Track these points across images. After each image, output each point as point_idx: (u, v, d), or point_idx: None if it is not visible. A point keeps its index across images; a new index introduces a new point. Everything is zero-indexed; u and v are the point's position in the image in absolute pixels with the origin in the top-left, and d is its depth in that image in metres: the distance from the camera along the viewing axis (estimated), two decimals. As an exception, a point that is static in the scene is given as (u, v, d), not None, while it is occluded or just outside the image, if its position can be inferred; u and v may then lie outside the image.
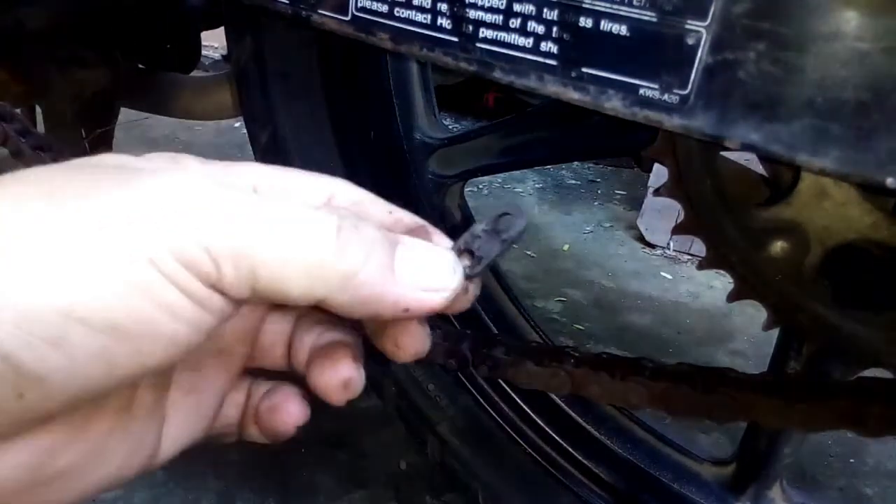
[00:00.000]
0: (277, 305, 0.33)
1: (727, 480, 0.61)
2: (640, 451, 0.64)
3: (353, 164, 0.66)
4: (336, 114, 0.66)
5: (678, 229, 0.50)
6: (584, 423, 0.65)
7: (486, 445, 0.67)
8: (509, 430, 0.67)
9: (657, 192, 0.49)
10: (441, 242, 0.29)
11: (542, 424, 0.67)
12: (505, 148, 0.61)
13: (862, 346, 0.44)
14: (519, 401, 0.68)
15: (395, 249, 0.26)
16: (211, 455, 0.98)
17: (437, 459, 0.69)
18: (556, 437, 0.66)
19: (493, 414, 0.68)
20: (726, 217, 0.46)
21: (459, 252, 0.28)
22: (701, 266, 0.49)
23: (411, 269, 0.26)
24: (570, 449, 0.65)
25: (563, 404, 0.66)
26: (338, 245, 0.24)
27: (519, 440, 0.67)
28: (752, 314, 1.48)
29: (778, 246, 0.43)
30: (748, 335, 1.41)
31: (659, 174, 1.71)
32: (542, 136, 0.58)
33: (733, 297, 0.48)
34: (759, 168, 0.46)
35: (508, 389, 0.68)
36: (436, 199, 0.67)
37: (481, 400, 0.69)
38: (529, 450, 0.66)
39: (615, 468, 0.64)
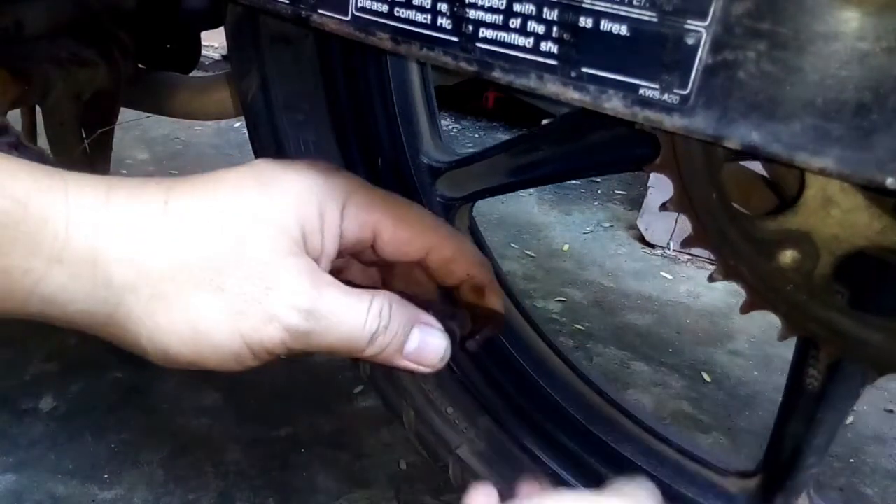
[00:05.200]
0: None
1: (753, 492, 0.60)
2: (665, 466, 0.63)
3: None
4: (344, 142, 0.67)
5: (687, 242, 0.49)
6: (607, 441, 0.65)
7: (507, 466, 0.67)
8: (531, 450, 0.67)
9: (663, 207, 0.49)
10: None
11: (564, 443, 0.66)
12: (511, 168, 0.61)
13: (880, 353, 0.43)
14: (540, 419, 0.67)
15: (411, 328, 0.37)
16: (211, 455, 0.98)
17: (458, 482, 0.68)
18: (581, 456, 0.65)
19: (514, 434, 0.68)
20: (733, 228, 0.45)
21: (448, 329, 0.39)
22: (712, 279, 0.49)
23: (414, 349, 0.37)
24: (596, 467, 0.65)
25: (585, 422, 0.66)
26: (366, 333, 0.35)
27: (541, 459, 0.66)
28: (753, 314, 1.48)
29: (787, 255, 0.43)
30: (748, 335, 1.41)
31: (660, 175, 1.71)
32: (548, 154, 0.58)
33: (746, 308, 0.48)
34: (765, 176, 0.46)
35: (530, 409, 0.68)
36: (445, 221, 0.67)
37: (502, 420, 0.68)
38: (552, 468, 0.66)
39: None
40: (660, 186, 1.71)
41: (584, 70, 0.29)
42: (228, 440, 1.01)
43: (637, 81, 0.28)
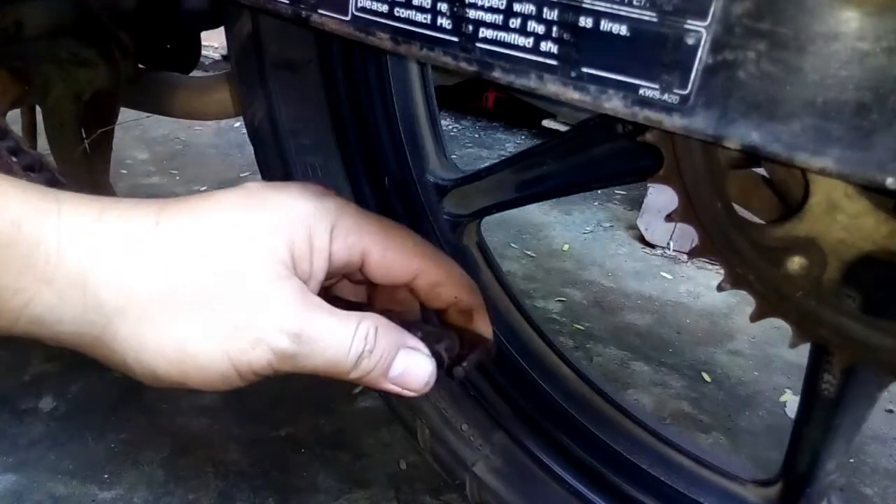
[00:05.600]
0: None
1: (773, 501, 0.59)
2: (683, 476, 0.63)
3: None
4: (350, 165, 0.68)
5: (694, 253, 0.49)
6: (623, 453, 0.64)
7: (523, 481, 0.67)
8: (547, 464, 0.67)
9: (669, 218, 0.49)
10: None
11: (580, 456, 0.66)
12: (517, 183, 0.61)
13: (894, 357, 0.43)
14: (556, 432, 0.67)
15: (397, 352, 0.37)
16: (211, 455, 0.98)
17: (476, 499, 0.68)
18: (597, 468, 0.65)
19: (530, 449, 0.68)
20: (740, 237, 0.45)
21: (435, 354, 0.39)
22: (721, 288, 0.48)
23: (399, 374, 0.37)
24: (612, 479, 0.64)
25: (600, 434, 0.65)
26: (351, 357, 0.35)
27: (558, 473, 0.66)
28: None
29: (795, 262, 0.42)
30: (748, 335, 1.41)
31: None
32: (553, 168, 0.58)
33: (756, 316, 0.48)
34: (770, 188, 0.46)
35: (544, 422, 0.67)
36: (453, 238, 0.67)
37: (517, 435, 0.68)
38: (569, 482, 0.66)
39: (659, 497, 0.63)
40: (659, 186, 1.71)
41: (584, 70, 0.29)
42: (228, 440, 1.01)
43: (637, 81, 0.28)
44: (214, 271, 0.33)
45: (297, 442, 1.02)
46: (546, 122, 2.51)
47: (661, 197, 1.74)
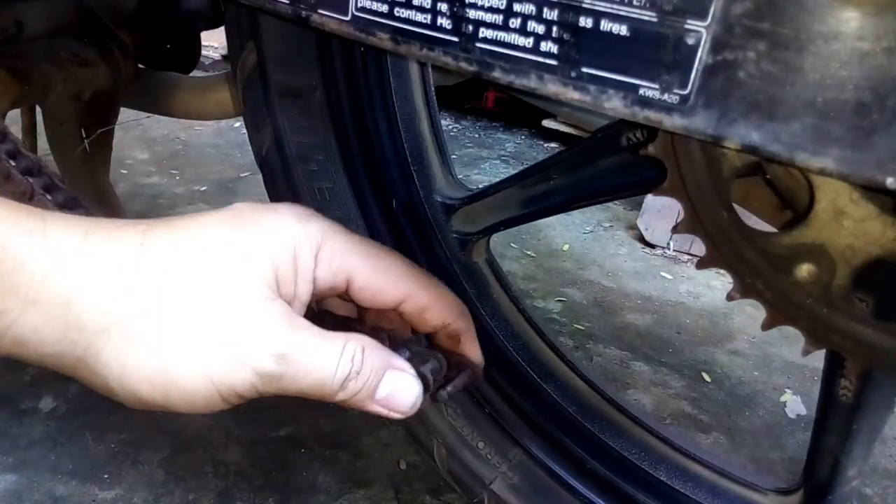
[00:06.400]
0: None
1: None
2: (702, 487, 0.63)
3: (379, 236, 0.68)
4: (357, 187, 0.68)
5: (702, 263, 0.49)
6: (641, 465, 0.64)
7: (542, 497, 0.67)
8: (564, 478, 0.67)
9: (675, 230, 0.49)
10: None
11: (597, 470, 0.66)
12: (524, 200, 0.61)
13: None
14: (574, 447, 0.67)
15: (384, 374, 0.37)
16: (211, 455, 0.98)
17: None
18: (615, 482, 0.65)
19: (548, 464, 0.67)
20: (747, 246, 0.45)
21: (421, 376, 0.39)
22: (730, 297, 0.48)
23: (386, 395, 0.37)
24: (632, 493, 0.64)
25: (618, 448, 0.65)
26: (337, 379, 0.35)
27: (576, 488, 0.66)
28: (752, 314, 1.48)
29: (804, 269, 0.42)
30: (748, 335, 1.41)
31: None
32: (559, 184, 0.59)
33: (767, 325, 0.48)
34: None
35: (560, 437, 0.67)
36: (462, 256, 0.68)
37: (535, 451, 0.68)
38: (587, 496, 0.66)
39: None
40: (660, 186, 1.71)
41: (584, 70, 0.29)
42: (228, 440, 1.01)
43: (637, 81, 0.28)
44: (198, 293, 0.33)
45: (297, 442, 1.02)
46: (546, 122, 2.51)
47: (661, 197, 1.74)
